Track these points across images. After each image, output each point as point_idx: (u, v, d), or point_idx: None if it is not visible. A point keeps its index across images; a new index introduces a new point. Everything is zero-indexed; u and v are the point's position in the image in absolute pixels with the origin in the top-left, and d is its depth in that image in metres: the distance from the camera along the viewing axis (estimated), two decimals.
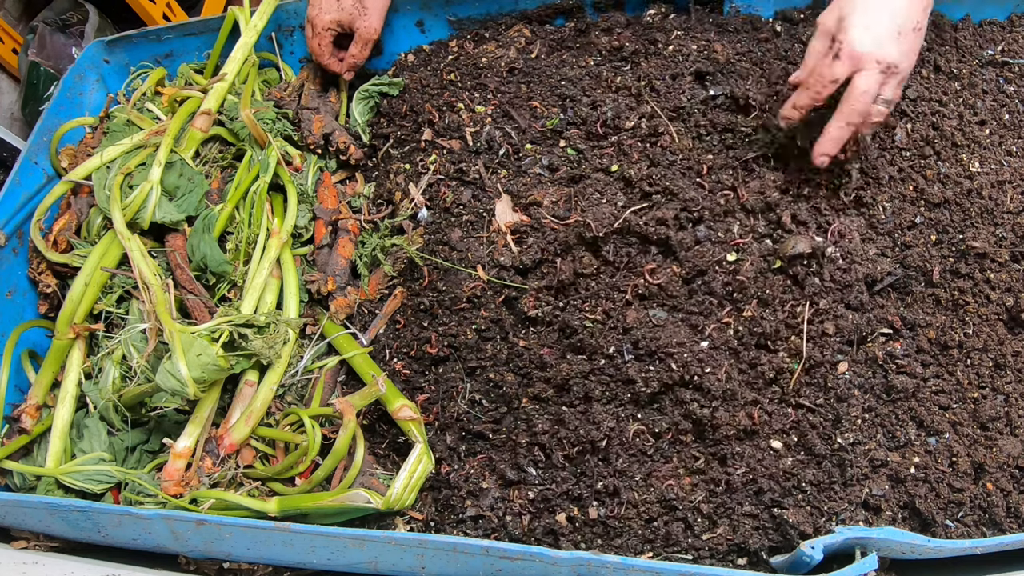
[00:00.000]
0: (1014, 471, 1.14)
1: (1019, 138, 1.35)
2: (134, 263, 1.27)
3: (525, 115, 1.42)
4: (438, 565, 1.07)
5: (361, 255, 1.44)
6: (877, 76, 1.08)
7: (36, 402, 1.32)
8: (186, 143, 1.45)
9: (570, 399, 1.20)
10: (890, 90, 1.10)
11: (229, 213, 1.41)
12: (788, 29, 1.47)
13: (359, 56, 1.58)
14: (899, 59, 1.08)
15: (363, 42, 1.56)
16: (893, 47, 1.08)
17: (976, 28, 1.47)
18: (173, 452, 1.21)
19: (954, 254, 1.23)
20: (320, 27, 1.54)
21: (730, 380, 1.16)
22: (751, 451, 1.15)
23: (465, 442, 1.25)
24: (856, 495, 1.12)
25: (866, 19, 1.07)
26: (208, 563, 1.20)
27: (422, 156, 1.45)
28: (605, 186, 1.29)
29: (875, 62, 1.07)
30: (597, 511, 1.16)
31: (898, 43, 1.08)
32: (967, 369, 1.20)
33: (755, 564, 1.14)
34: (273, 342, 1.25)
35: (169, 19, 2.43)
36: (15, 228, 1.51)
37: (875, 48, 1.07)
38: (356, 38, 1.55)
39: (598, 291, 1.22)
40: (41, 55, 2.32)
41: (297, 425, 1.27)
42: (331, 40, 1.57)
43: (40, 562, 1.19)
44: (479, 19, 1.64)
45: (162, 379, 1.14)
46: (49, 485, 1.26)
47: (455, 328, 1.27)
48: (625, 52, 1.45)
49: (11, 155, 2.15)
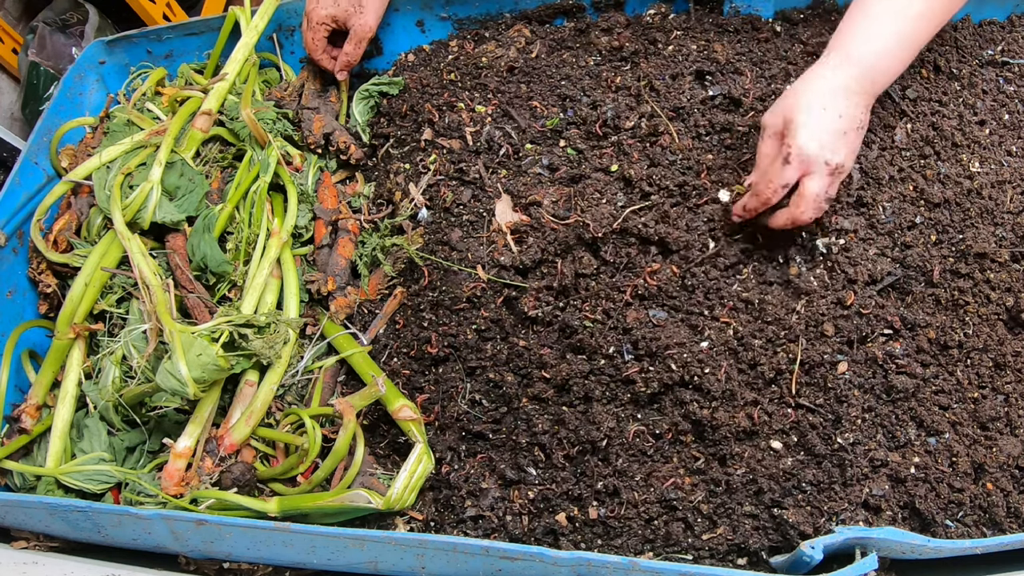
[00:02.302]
0: (1014, 471, 1.14)
1: (1019, 138, 1.35)
2: (134, 263, 1.27)
3: (525, 115, 1.42)
4: (438, 565, 1.07)
5: (361, 255, 1.44)
6: (826, 179, 1.10)
7: (36, 402, 1.32)
8: (186, 143, 1.45)
9: (570, 399, 1.20)
10: (834, 189, 1.12)
11: (229, 213, 1.41)
12: (788, 29, 1.47)
13: (353, 54, 1.56)
14: (844, 160, 1.10)
15: (357, 40, 1.54)
16: (841, 148, 1.09)
17: (976, 28, 1.47)
18: (173, 452, 1.21)
19: (954, 254, 1.23)
20: (315, 21, 1.53)
21: (730, 380, 1.16)
22: (751, 451, 1.15)
23: (465, 442, 1.26)
24: (856, 495, 1.12)
25: (812, 121, 1.08)
26: (208, 563, 1.20)
27: (422, 156, 1.45)
28: (605, 186, 1.29)
29: (823, 164, 1.08)
30: (597, 511, 1.16)
31: (844, 144, 1.10)
32: (967, 369, 1.20)
33: (755, 564, 1.14)
34: (273, 342, 1.25)
35: (169, 19, 2.43)
36: (15, 228, 1.51)
37: (822, 151, 1.08)
38: (351, 35, 1.54)
39: (598, 291, 1.22)
40: (41, 55, 2.32)
41: (297, 425, 1.27)
42: (325, 35, 1.55)
43: (40, 562, 1.19)
44: (479, 19, 1.64)
45: (162, 379, 1.14)
46: (49, 485, 1.26)
47: (455, 328, 1.27)
48: (625, 52, 1.45)
49: (11, 155, 2.15)
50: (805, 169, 1.09)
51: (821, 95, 1.10)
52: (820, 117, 1.08)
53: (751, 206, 1.16)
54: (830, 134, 1.08)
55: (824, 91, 1.10)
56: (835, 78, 1.11)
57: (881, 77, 1.14)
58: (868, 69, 1.12)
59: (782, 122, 1.11)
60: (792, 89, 1.14)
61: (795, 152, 1.08)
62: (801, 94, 1.11)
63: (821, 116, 1.08)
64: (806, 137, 1.07)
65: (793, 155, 1.08)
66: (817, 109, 1.09)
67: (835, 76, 1.11)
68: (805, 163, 1.09)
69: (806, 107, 1.09)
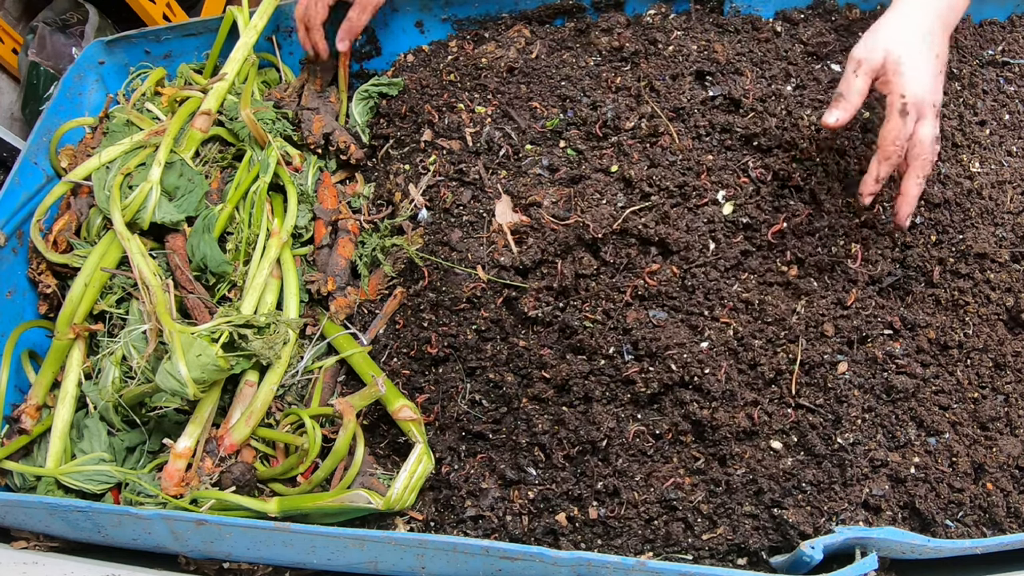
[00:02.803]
0: (1014, 471, 1.14)
1: (1019, 138, 1.35)
2: (134, 263, 1.27)
3: (525, 115, 1.42)
4: (438, 565, 1.07)
5: (361, 255, 1.44)
6: (934, 121, 1.10)
7: (36, 402, 1.32)
8: (186, 143, 1.45)
9: (570, 399, 1.20)
10: (937, 129, 1.12)
11: (229, 213, 1.41)
12: (788, 29, 1.47)
13: (357, 21, 1.47)
14: (941, 99, 1.12)
15: (363, 5, 1.46)
16: (939, 89, 1.11)
17: (976, 28, 1.48)
18: (173, 452, 1.21)
19: (954, 254, 1.23)
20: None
21: (730, 380, 1.16)
22: (751, 451, 1.15)
23: (465, 442, 1.26)
24: (856, 495, 1.12)
25: (920, 66, 1.09)
26: (208, 563, 1.20)
27: (422, 157, 1.45)
28: (605, 186, 1.29)
29: (932, 107, 1.10)
30: (597, 511, 1.16)
31: (941, 84, 1.11)
32: (967, 369, 1.20)
33: (755, 564, 1.14)
34: (273, 342, 1.25)
35: (169, 19, 2.43)
36: (15, 228, 1.51)
37: (930, 95, 1.09)
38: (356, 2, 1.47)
39: (598, 291, 1.22)
40: (41, 55, 2.32)
41: (297, 425, 1.27)
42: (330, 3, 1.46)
43: (40, 562, 1.19)
44: (479, 19, 1.64)
45: (162, 379, 1.14)
46: (49, 485, 1.26)
47: (455, 328, 1.27)
48: (625, 52, 1.45)
49: (11, 155, 2.15)
50: (919, 115, 1.10)
51: (918, 37, 1.10)
52: (924, 61, 1.09)
53: (884, 173, 1.13)
54: (932, 77, 1.10)
55: (918, 33, 1.11)
56: (924, 20, 1.12)
57: (954, 14, 1.15)
58: (947, 8, 1.13)
59: (881, 63, 1.10)
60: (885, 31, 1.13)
61: (911, 101, 1.08)
62: (898, 38, 1.11)
63: (924, 60, 1.10)
64: (917, 84, 1.08)
65: (910, 104, 1.08)
66: (917, 53, 1.09)
67: (923, 18, 1.12)
68: (919, 109, 1.09)
69: (909, 52, 1.09)
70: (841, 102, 1.11)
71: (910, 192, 1.13)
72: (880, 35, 1.12)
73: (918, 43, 1.10)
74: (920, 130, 1.10)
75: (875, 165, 1.12)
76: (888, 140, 1.10)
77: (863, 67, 1.11)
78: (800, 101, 1.32)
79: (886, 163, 1.11)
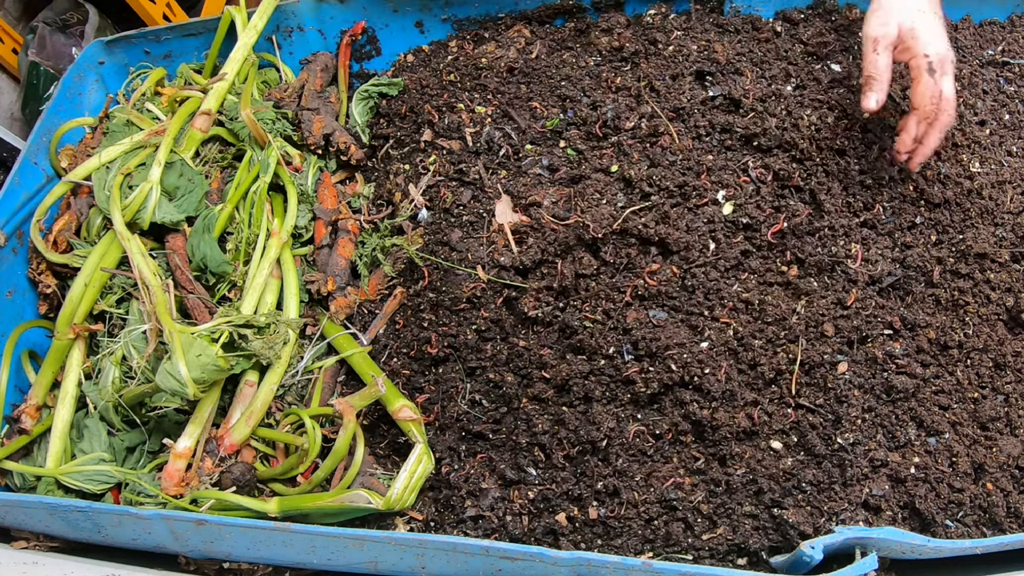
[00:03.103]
0: (1014, 471, 1.14)
1: (1019, 138, 1.35)
2: (134, 263, 1.27)
3: (525, 115, 1.42)
4: (438, 565, 1.07)
5: (361, 255, 1.44)
6: (952, 76, 1.16)
7: (36, 402, 1.32)
8: (186, 143, 1.45)
9: (570, 399, 1.20)
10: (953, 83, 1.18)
11: (229, 213, 1.41)
12: (788, 29, 1.47)
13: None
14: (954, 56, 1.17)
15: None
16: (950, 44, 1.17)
17: (976, 28, 1.48)
18: (173, 452, 1.21)
19: (954, 254, 1.23)
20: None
21: (730, 381, 1.16)
22: (751, 451, 1.15)
23: (465, 442, 1.25)
24: (856, 495, 1.12)
25: (933, 26, 1.16)
26: (208, 563, 1.20)
27: (422, 157, 1.45)
28: (605, 186, 1.29)
29: (950, 62, 1.16)
30: (597, 511, 1.16)
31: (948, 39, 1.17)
32: (967, 369, 1.20)
33: (755, 564, 1.14)
34: (273, 342, 1.25)
35: (169, 19, 2.42)
36: (15, 228, 1.51)
37: (947, 51, 1.15)
38: None
39: (598, 291, 1.22)
40: (41, 55, 2.32)
41: (297, 425, 1.27)
42: None
43: (40, 562, 1.19)
44: (479, 20, 1.64)
45: (162, 379, 1.14)
46: (49, 485, 1.26)
47: (455, 328, 1.27)
48: (625, 52, 1.45)
49: (11, 155, 2.15)
50: (942, 71, 1.15)
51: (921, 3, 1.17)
52: (934, 23, 1.16)
53: (921, 131, 1.18)
54: (944, 36, 1.16)
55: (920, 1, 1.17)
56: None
57: None
58: None
59: (897, 33, 1.15)
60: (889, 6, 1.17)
61: (935, 59, 1.14)
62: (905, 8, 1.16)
63: (934, 22, 1.16)
64: (935, 43, 1.14)
65: (935, 62, 1.14)
66: (927, 18, 1.16)
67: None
68: (942, 65, 1.14)
69: (920, 18, 1.15)
70: (874, 83, 1.16)
71: (931, 144, 1.18)
72: (887, 10, 1.17)
73: (924, 8, 1.16)
74: (945, 87, 1.15)
75: (912, 124, 1.18)
76: (925, 99, 1.15)
77: (881, 43, 1.16)
78: (800, 101, 1.32)
79: (924, 122, 1.16)
